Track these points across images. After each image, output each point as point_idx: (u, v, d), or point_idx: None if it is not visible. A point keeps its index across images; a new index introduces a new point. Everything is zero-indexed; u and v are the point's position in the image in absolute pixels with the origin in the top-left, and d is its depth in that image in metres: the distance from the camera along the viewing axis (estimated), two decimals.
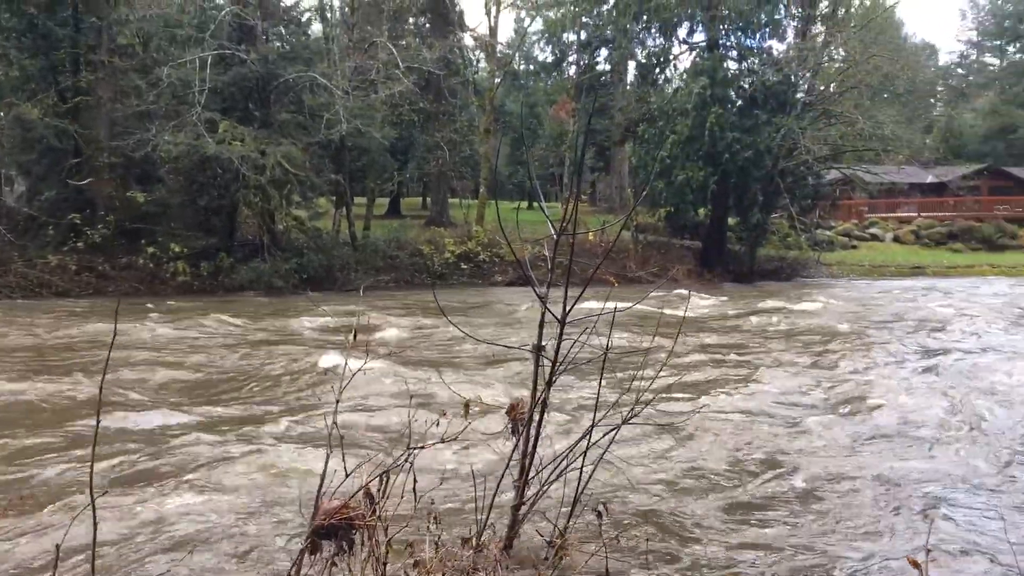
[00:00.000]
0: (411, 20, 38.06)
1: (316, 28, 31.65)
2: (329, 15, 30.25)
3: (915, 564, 2.64)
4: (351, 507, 2.70)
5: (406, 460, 2.98)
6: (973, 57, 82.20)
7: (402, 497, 3.01)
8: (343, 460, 2.77)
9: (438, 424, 3.15)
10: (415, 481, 3.11)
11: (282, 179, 22.52)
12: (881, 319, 17.89)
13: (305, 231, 25.81)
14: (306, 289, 22.74)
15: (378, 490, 2.87)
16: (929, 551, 3.22)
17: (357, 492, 2.78)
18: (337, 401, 3.00)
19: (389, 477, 2.90)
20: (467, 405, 3.36)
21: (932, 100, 77.48)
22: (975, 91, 75.88)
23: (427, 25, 37.67)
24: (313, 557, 2.70)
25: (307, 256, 24.30)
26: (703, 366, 11.27)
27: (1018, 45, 69.78)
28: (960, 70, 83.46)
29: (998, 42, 75.70)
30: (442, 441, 3.09)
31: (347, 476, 2.75)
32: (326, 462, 2.86)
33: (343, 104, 24.17)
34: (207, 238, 24.34)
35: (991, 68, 78.01)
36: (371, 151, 28.80)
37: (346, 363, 3.12)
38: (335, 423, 2.92)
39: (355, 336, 3.21)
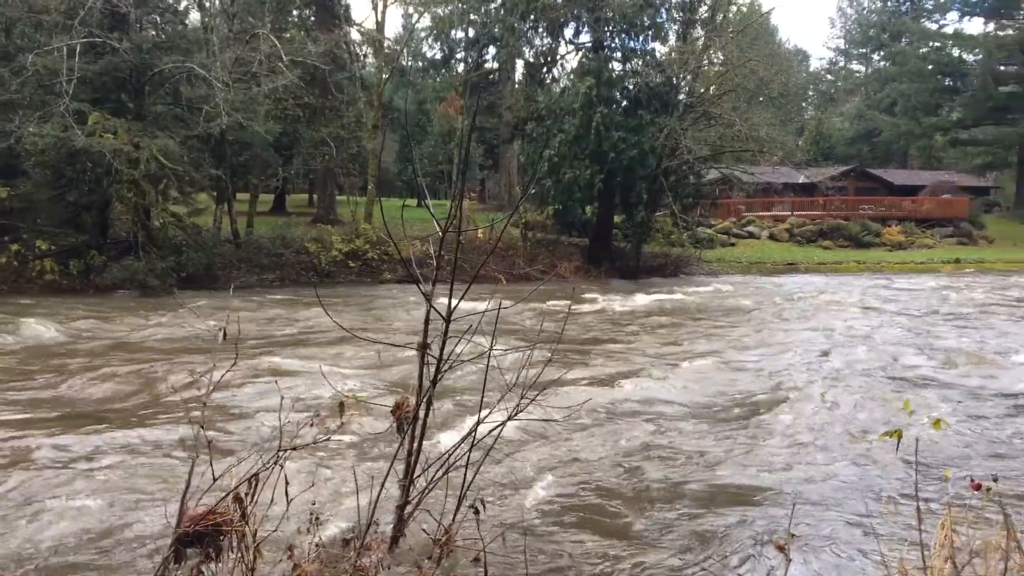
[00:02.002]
0: (295, 12, 37.13)
1: (194, 17, 30.49)
2: (208, 4, 29.16)
3: (780, 548, 2.75)
4: (219, 512, 2.59)
5: (276, 463, 2.88)
6: (841, 64, 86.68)
7: (271, 501, 2.92)
8: (211, 465, 2.67)
9: (312, 424, 3.07)
10: (287, 483, 3.02)
11: (158, 173, 21.55)
12: (752, 313, 18.64)
13: (184, 228, 24.78)
14: (185, 288, 21.87)
15: (246, 494, 2.77)
16: (793, 535, 3.36)
17: (225, 496, 2.68)
18: (204, 404, 2.88)
19: (259, 480, 2.80)
20: (342, 405, 3.28)
21: (804, 104, 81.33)
22: (843, 96, 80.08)
23: (312, 18, 36.83)
24: (178, 566, 2.58)
25: (186, 254, 23.35)
26: (589, 361, 11.47)
27: (882, 53, 73.91)
28: (829, 76, 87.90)
29: (864, 50, 80.00)
30: (315, 443, 3.01)
31: (215, 480, 2.65)
32: (191, 467, 2.74)
33: (223, 97, 23.32)
34: (77, 235, 23.07)
35: (857, 75, 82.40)
36: (254, 146, 27.92)
37: (214, 365, 3.00)
38: (202, 426, 2.80)
39: (225, 336, 3.09)
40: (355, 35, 35.99)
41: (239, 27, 28.34)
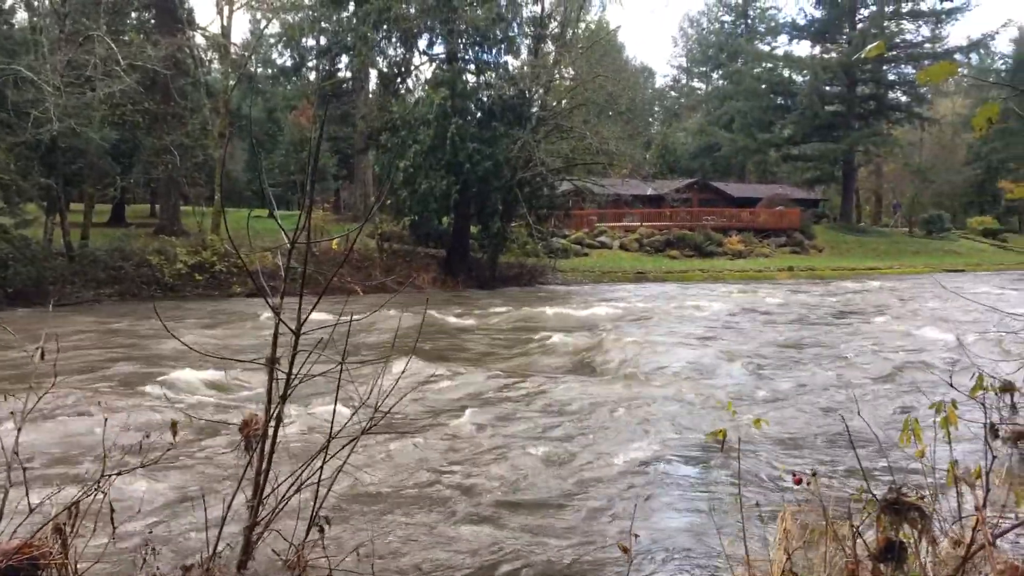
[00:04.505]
0: (134, 15, 35.27)
1: (21, 17, 28.48)
2: (36, 3, 27.34)
3: (624, 549, 2.82)
4: (35, 545, 2.39)
5: (99, 488, 2.69)
6: (684, 81, 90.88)
7: (95, 529, 2.73)
8: (27, 494, 2.46)
9: (141, 447, 2.89)
10: (112, 511, 2.83)
11: None
12: (604, 321, 19.18)
13: (10, 240, 23.00)
14: (13, 305, 20.30)
15: (67, 524, 2.57)
16: (636, 535, 3.46)
17: (43, 527, 2.47)
18: (19, 429, 2.65)
19: (81, 509, 2.61)
20: (174, 424, 3.11)
21: (650, 119, 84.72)
22: (686, 112, 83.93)
23: (152, 21, 35.09)
24: None
25: (12, 268, 21.71)
26: (445, 372, 11.44)
27: (720, 72, 78.09)
28: (673, 92, 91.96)
29: (704, 69, 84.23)
30: (142, 466, 2.83)
31: (32, 511, 2.44)
32: (4, 497, 2.52)
33: (54, 101, 21.92)
34: None
35: (699, 92, 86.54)
36: (89, 153, 26.32)
37: (31, 385, 2.77)
38: (16, 453, 2.58)
39: (42, 355, 2.86)
40: (199, 39, 34.67)
41: (72, 28, 26.67)
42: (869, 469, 6.25)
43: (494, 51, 32.50)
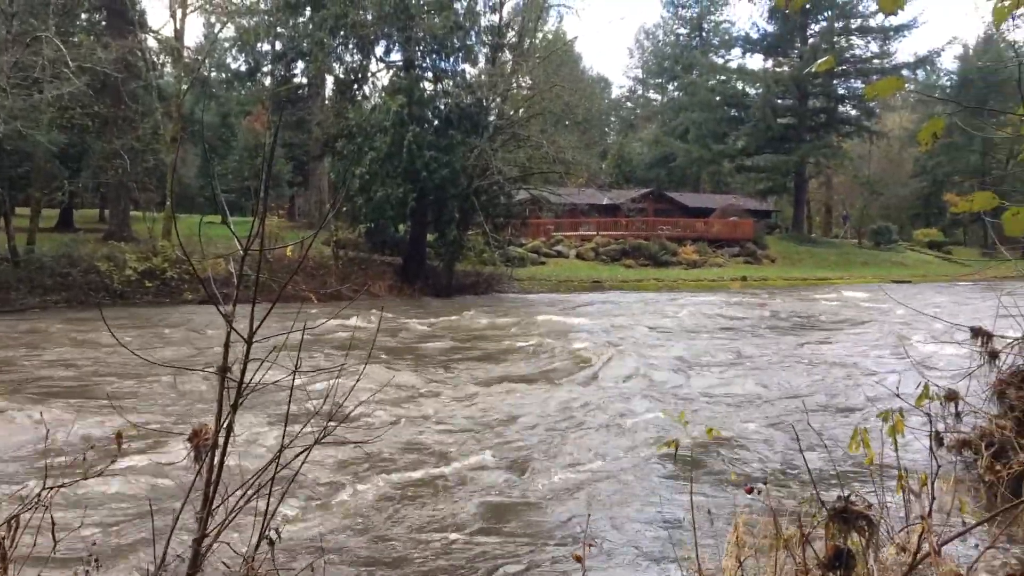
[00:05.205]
0: (84, 16, 34.57)
1: None
2: None
3: (578, 558, 2.82)
4: None
5: (40, 501, 2.61)
6: (640, 92, 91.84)
7: (35, 543, 2.64)
8: None
9: (84, 458, 2.82)
10: (53, 524, 2.75)
11: None
12: (549, 334, 19.25)
13: None
14: None
15: (5, 538, 2.49)
16: (590, 545, 3.46)
17: None
18: None
19: (20, 522, 2.53)
20: (119, 435, 3.04)
21: (606, 129, 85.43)
22: (641, 123, 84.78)
23: (103, 23, 34.42)
24: None
25: None
26: (400, 381, 11.38)
27: (675, 84, 79.09)
28: (629, 103, 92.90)
29: (659, 80, 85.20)
30: (84, 478, 2.76)
31: None
32: None
33: (0, 103, 21.35)
34: None
35: (654, 103, 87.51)
36: (36, 157, 25.72)
37: None
38: None
39: None
40: (152, 43, 34.07)
41: (19, 29, 26.02)
42: (820, 477, 6.35)
43: (452, 59, 32.51)
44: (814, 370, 13.05)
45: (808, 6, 58.18)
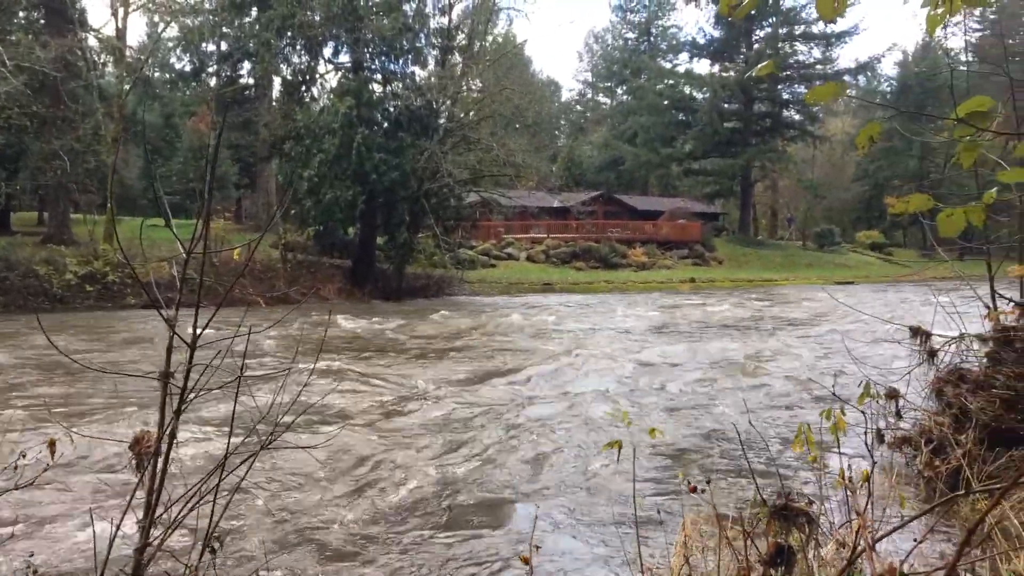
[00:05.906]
0: (21, 14, 33.60)
1: None
2: None
3: (525, 560, 2.83)
4: None
5: None
6: (589, 96, 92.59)
7: None
8: None
9: (16, 468, 2.73)
10: None
11: None
12: (502, 336, 19.29)
13: None
14: None
15: None
16: (537, 547, 3.46)
17: None
18: None
19: None
20: (52, 443, 2.96)
21: (556, 132, 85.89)
22: (591, 126, 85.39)
23: (42, 21, 33.49)
24: None
25: None
26: (346, 385, 11.27)
27: (624, 88, 79.82)
28: (579, 107, 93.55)
29: (609, 84, 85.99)
30: (16, 488, 2.68)
31: None
32: None
33: None
34: None
35: (604, 106, 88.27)
36: None
37: None
38: None
39: None
40: (92, 42, 33.26)
41: None
42: (765, 475, 6.45)
43: (401, 61, 32.35)
44: (758, 370, 13.26)
45: (753, 12, 59.22)
